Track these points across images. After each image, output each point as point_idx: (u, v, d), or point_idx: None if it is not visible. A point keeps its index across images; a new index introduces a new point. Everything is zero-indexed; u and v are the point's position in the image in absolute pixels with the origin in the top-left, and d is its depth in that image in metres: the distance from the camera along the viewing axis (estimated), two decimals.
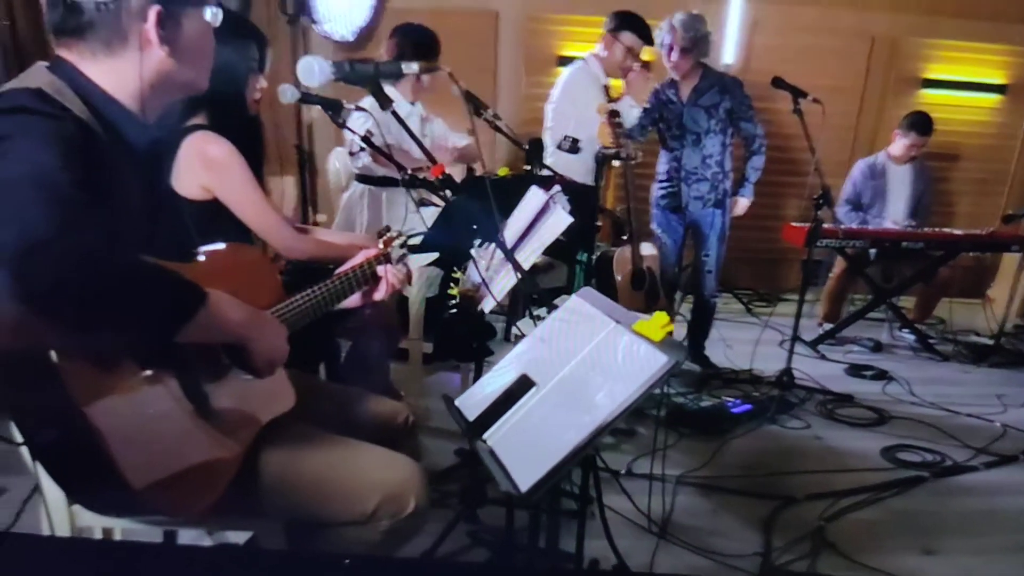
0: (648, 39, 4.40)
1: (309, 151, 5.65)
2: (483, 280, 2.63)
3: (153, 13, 1.54)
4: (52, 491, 1.78)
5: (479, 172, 4.10)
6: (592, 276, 3.80)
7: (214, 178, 2.45)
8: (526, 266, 2.55)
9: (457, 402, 1.95)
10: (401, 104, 4.09)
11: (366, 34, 5.95)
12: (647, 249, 3.91)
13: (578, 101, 4.31)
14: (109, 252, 1.34)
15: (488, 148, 5.36)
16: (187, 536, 2.35)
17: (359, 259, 2.19)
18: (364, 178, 3.93)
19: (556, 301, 2.13)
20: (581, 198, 3.98)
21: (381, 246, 2.27)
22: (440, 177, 2.12)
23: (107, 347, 1.47)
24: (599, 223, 4.11)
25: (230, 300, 1.57)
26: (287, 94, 2.34)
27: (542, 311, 2.13)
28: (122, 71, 1.59)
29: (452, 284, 2.73)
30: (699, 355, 4.89)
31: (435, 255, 3.18)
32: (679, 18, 4.28)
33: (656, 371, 1.63)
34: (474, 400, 1.93)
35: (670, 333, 1.70)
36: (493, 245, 2.71)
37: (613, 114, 3.84)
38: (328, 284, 2.04)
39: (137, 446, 1.48)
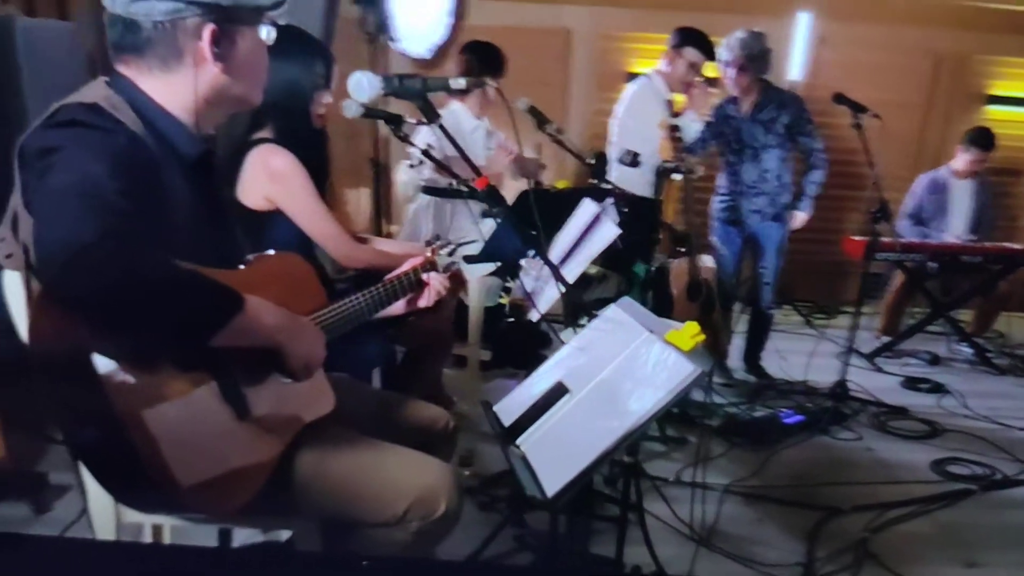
0: (710, 55, 4.49)
1: (384, 164, 5.80)
2: (526, 291, 2.73)
3: (208, 31, 1.61)
4: (96, 488, 1.81)
5: (530, 186, 4.20)
6: (649, 288, 3.89)
7: (276, 189, 2.56)
8: (573, 277, 2.65)
9: (495, 407, 2.03)
10: (467, 119, 4.23)
11: (442, 51, 6.08)
12: (704, 262, 4.00)
13: (641, 116, 4.41)
14: (151, 259, 1.39)
15: (558, 162, 5.47)
16: (241, 535, 2.46)
17: (405, 267, 2.26)
18: (430, 190, 4.02)
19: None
20: (640, 211, 4.08)
21: (428, 254, 2.33)
22: (484, 189, 2.17)
23: (147, 350, 1.51)
24: (659, 236, 4.19)
25: (267, 306, 1.61)
26: (351, 109, 2.40)
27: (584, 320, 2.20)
28: (177, 86, 1.66)
29: (503, 293, 2.85)
30: (755, 366, 4.95)
31: (495, 265, 3.32)
32: (738, 36, 4.35)
33: (683, 379, 1.68)
34: (511, 406, 2.00)
35: (700, 343, 1.76)
36: (533, 254, 2.83)
37: (673, 129, 3.93)
38: (370, 292, 2.09)
39: (173, 447, 1.51)
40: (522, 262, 2.97)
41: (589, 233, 2.77)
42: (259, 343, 1.61)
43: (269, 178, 2.55)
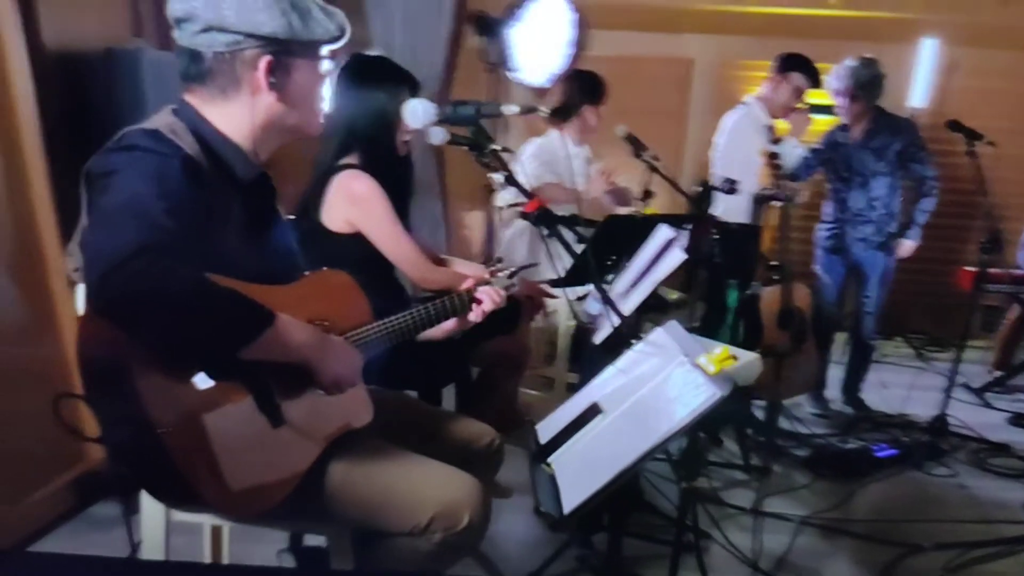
0: (815, 80, 4.49)
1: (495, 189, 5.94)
2: (591, 315, 2.79)
3: (264, 63, 1.73)
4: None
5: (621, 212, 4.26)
6: (739, 315, 3.90)
7: (356, 212, 2.70)
8: (636, 302, 2.69)
9: (537, 426, 2.07)
10: (564, 146, 4.33)
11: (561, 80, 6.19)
12: (798, 290, 3.97)
13: (741, 144, 4.44)
14: (185, 273, 1.47)
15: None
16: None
17: (463, 287, 2.29)
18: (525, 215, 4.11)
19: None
20: (736, 238, 4.10)
21: (486, 275, 2.35)
22: (535, 212, 2.21)
23: (181, 360, 1.59)
24: (756, 263, 4.19)
25: (297, 324, 1.69)
26: (437, 136, 2.49)
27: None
28: (235, 114, 1.79)
29: (574, 316, 2.91)
30: (854, 398, 4.87)
31: (584, 288, 3.39)
32: (848, 64, 4.31)
33: (702, 403, 1.71)
34: (552, 425, 2.05)
35: (728, 367, 1.80)
36: (612, 277, 2.89)
37: (772, 156, 3.93)
38: (416, 311, 2.13)
39: (203, 452, 1.60)
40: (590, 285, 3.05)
41: (659, 259, 2.81)
42: (288, 359, 1.69)
43: (350, 201, 2.69)
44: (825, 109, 5.00)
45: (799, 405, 4.85)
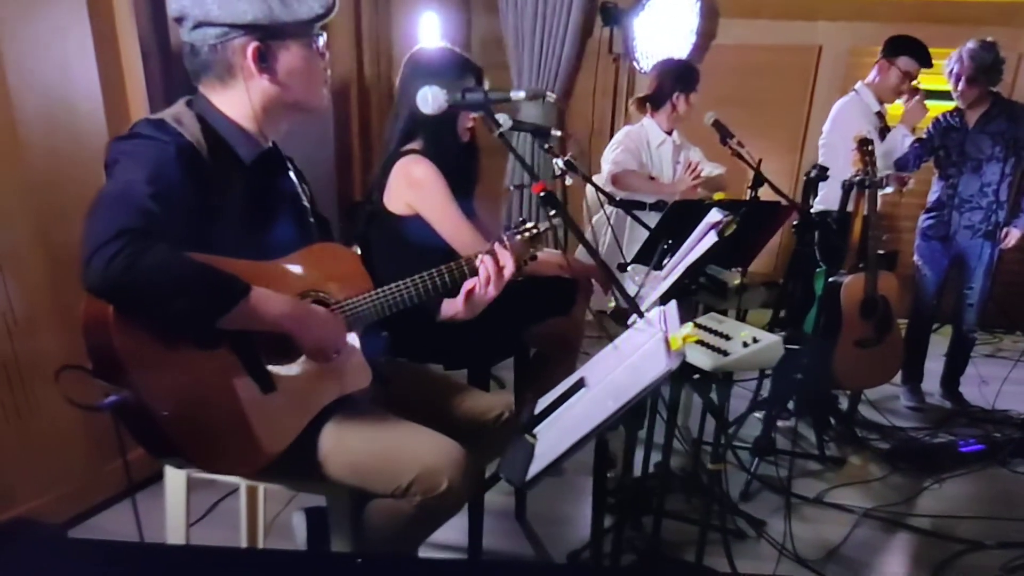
0: (926, 62, 4.37)
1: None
2: (618, 296, 2.83)
3: (251, 49, 1.84)
4: None
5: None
6: (823, 303, 3.84)
7: (415, 196, 2.81)
8: (667, 285, 2.70)
9: (540, 399, 2.06)
10: (656, 133, 4.36)
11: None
12: (885, 279, 3.89)
13: (845, 131, 4.33)
14: (161, 252, 1.58)
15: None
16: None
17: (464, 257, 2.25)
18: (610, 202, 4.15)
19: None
20: (823, 224, 4.05)
21: (499, 245, 2.25)
22: (541, 193, 2.13)
23: (166, 330, 1.68)
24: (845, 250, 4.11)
25: (273, 296, 1.78)
26: (501, 122, 2.66)
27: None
28: (237, 100, 1.91)
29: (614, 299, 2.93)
30: (952, 391, 4.73)
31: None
32: (968, 47, 4.19)
33: (653, 377, 1.70)
34: (549, 398, 2.05)
35: (688, 343, 1.80)
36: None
37: (863, 142, 3.86)
38: (409, 282, 2.12)
39: (193, 413, 1.72)
40: (629, 268, 3.09)
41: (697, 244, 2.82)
42: (266, 327, 1.79)
43: (409, 185, 2.80)
44: (939, 95, 4.86)
45: (895, 398, 4.74)
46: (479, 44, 6.36)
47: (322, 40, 1.98)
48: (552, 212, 2.16)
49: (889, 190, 4.41)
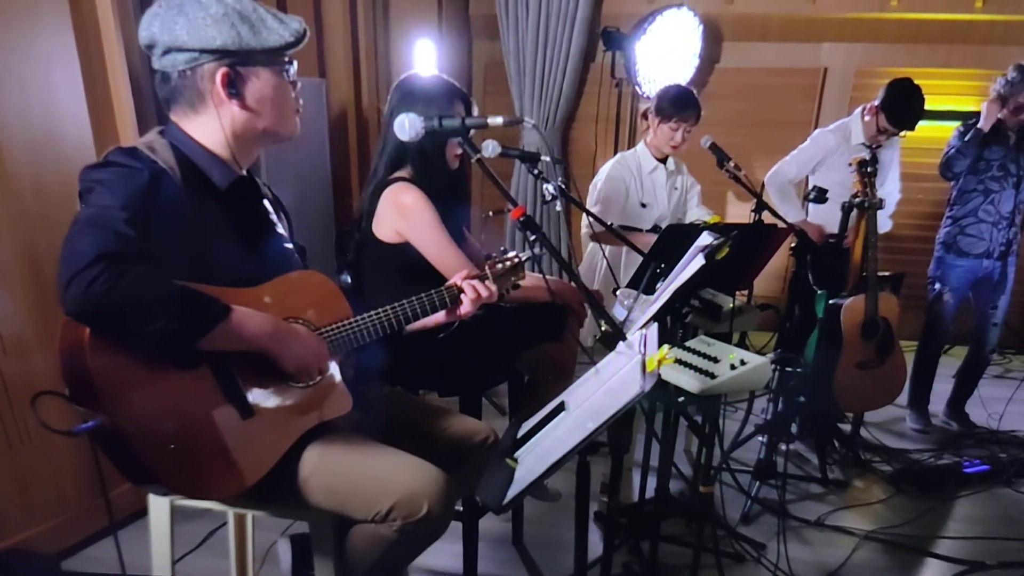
0: (903, 128, 4.33)
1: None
2: (606, 319, 2.82)
3: (219, 75, 1.84)
4: None
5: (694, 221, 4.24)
6: (823, 325, 3.81)
7: (403, 223, 2.78)
8: (654, 310, 2.68)
9: (524, 423, 2.08)
10: (648, 159, 4.33)
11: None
12: (885, 300, 3.85)
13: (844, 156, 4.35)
14: (139, 275, 1.57)
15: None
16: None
17: (450, 284, 2.29)
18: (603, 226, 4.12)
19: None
20: (824, 248, 4.02)
21: (486, 270, 2.34)
22: (520, 219, 2.14)
23: (145, 353, 1.68)
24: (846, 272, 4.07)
25: (253, 314, 1.79)
26: (488, 148, 2.61)
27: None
28: (209, 125, 1.91)
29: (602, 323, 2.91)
30: (959, 412, 4.68)
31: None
32: (1012, 72, 4.14)
33: (628, 398, 1.71)
34: (531, 423, 2.06)
35: (662, 365, 1.82)
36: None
37: (862, 164, 3.84)
38: (392, 308, 2.14)
39: (169, 440, 1.68)
40: (618, 292, 3.07)
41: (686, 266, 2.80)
42: (246, 348, 1.79)
43: (397, 212, 2.78)
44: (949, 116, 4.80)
45: (900, 420, 4.71)
46: (480, 70, 6.38)
47: (293, 69, 1.98)
48: (533, 237, 2.17)
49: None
